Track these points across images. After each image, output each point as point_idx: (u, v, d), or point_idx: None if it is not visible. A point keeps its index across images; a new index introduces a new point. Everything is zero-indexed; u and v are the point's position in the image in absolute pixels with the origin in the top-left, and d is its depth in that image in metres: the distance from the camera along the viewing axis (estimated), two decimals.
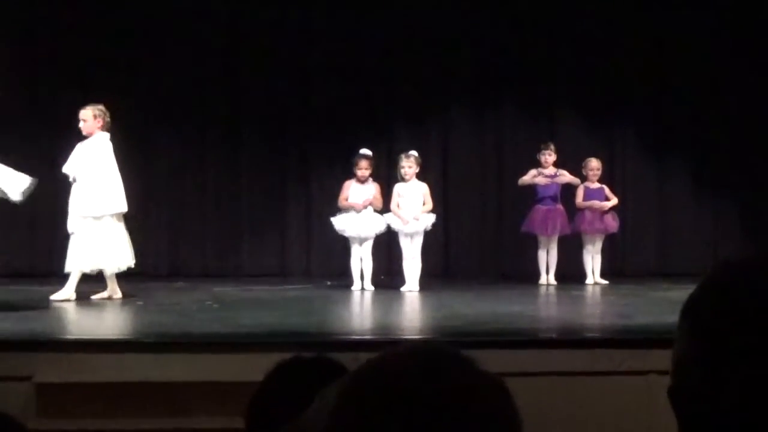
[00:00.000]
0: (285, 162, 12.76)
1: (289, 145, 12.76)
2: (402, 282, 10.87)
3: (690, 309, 1.26)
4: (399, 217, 10.85)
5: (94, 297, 9.54)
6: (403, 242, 10.93)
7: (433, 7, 12.70)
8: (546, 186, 11.59)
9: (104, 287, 9.62)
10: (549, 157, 11.69)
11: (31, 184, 8.83)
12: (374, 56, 12.60)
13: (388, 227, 10.96)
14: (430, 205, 10.98)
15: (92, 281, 9.65)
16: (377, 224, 10.90)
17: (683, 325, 1.25)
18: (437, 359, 1.21)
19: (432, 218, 11.00)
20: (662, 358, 1.29)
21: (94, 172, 9.67)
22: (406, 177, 10.95)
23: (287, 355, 2.48)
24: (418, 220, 10.87)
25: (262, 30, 12.61)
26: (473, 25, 12.69)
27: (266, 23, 12.62)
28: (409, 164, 10.95)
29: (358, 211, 10.87)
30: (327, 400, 1.22)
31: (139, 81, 12.35)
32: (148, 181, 12.52)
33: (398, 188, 10.98)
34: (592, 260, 11.69)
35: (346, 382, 1.22)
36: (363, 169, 10.96)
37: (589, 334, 7.76)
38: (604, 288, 11.35)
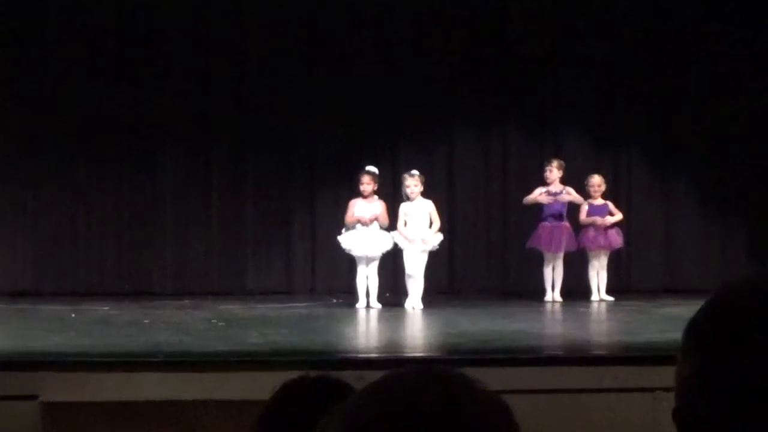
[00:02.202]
0: (290, 180, 12.76)
1: (295, 164, 12.76)
2: (406, 298, 10.86)
3: (693, 330, 1.26)
4: (404, 236, 10.84)
5: None
6: (407, 259, 10.92)
7: (438, 24, 12.73)
8: (551, 204, 11.58)
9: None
10: (550, 173, 11.66)
11: None
12: (379, 74, 12.62)
13: (395, 245, 10.95)
14: (437, 222, 10.97)
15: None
16: (384, 243, 10.89)
17: (687, 346, 1.26)
18: (439, 381, 1.22)
19: (439, 238, 10.98)
20: (668, 375, 1.29)
21: None
22: (412, 196, 10.94)
23: (293, 374, 2.48)
24: (425, 242, 10.86)
25: (267, 48, 12.63)
26: (478, 42, 12.71)
27: (271, 41, 12.64)
28: (414, 182, 10.96)
29: (365, 224, 10.86)
30: (332, 423, 1.22)
31: (144, 98, 12.38)
32: (153, 200, 12.55)
33: (404, 208, 10.96)
34: (598, 277, 11.67)
35: (350, 405, 1.22)
36: (365, 184, 10.95)
37: (595, 351, 7.75)
38: (609, 305, 11.33)
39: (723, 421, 1.19)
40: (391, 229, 10.93)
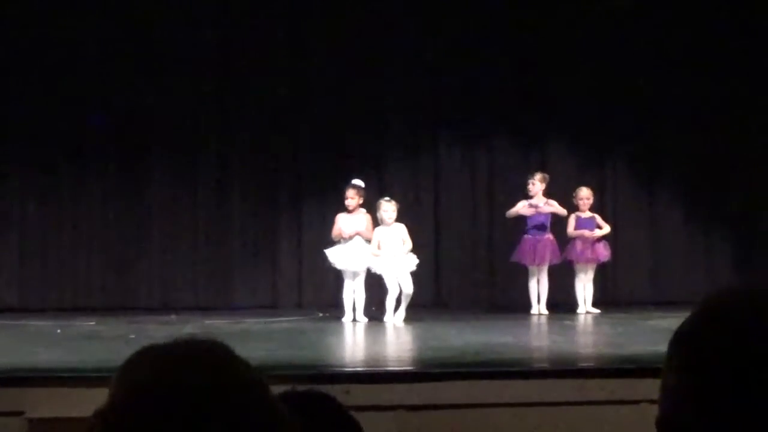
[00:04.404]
0: (276, 194, 12.78)
1: (281, 178, 12.77)
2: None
3: (679, 340, 1.27)
4: (378, 255, 10.81)
5: None
6: (395, 279, 10.88)
7: (424, 37, 12.76)
8: (533, 216, 11.60)
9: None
10: (533, 186, 11.69)
11: None
12: (365, 87, 12.65)
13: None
14: (409, 243, 10.96)
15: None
16: (369, 258, 10.90)
17: (672, 356, 1.26)
18: (192, 358, 1.23)
19: (414, 261, 10.95)
20: (654, 388, 1.30)
21: None
22: (389, 221, 10.95)
23: (280, 388, 2.47)
24: (400, 263, 10.84)
25: (253, 63, 12.65)
26: (464, 56, 12.74)
27: (258, 55, 12.66)
28: (392, 208, 10.97)
29: (346, 240, 10.88)
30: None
31: (131, 113, 12.37)
32: (139, 215, 12.54)
33: (379, 233, 10.94)
34: (584, 289, 11.70)
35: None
36: (350, 198, 10.99)
37: (581, 364, 7.75)
38: (596, 317, 11.35)
39: (706, 430, 1.19)
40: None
